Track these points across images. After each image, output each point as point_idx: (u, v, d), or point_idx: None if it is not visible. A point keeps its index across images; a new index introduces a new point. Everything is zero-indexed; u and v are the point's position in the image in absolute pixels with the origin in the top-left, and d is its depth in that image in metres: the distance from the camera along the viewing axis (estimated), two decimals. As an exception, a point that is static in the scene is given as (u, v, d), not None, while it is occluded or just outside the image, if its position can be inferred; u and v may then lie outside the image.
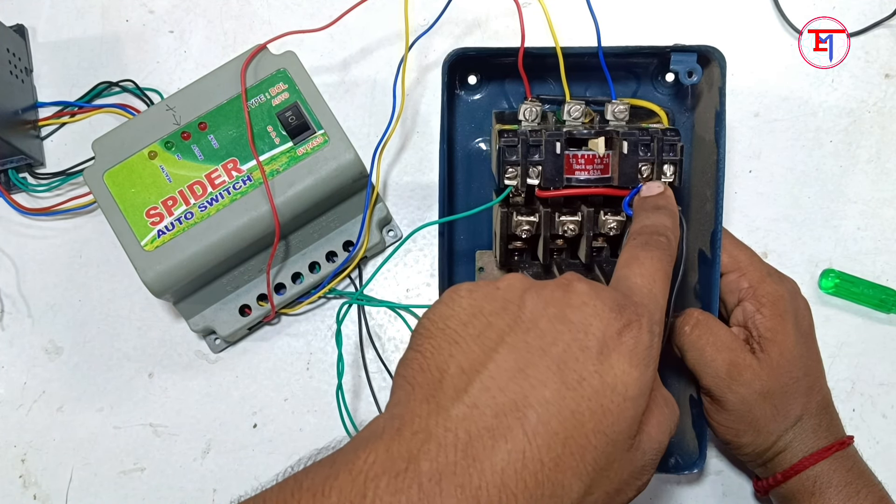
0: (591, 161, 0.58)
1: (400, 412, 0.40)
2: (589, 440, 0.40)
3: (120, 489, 0.74)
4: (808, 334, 0.65)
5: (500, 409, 0.39)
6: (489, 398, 0.39)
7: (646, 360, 0.43)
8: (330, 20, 0.69)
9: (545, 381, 0.40)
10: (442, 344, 0.42)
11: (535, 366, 0.40)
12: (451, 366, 0.41)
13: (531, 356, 0.41)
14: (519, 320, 0.42)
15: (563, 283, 0.44)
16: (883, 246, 0.75)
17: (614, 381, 0.41)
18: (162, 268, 0.65)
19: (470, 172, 0.71)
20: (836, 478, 0.62)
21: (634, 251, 0.49)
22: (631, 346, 0.42)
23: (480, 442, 0.38)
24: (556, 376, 0.40)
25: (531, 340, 0.41)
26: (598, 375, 0.41)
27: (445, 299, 0.44)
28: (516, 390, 0.40)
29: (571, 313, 0.42)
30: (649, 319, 0.44)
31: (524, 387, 0.40)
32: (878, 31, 0.76)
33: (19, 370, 0.76)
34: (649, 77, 0.70)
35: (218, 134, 0.66)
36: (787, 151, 0.76)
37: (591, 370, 0.41)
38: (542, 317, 0.42)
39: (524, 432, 0.38)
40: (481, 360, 0.41)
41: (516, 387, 0.40)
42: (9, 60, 0.73)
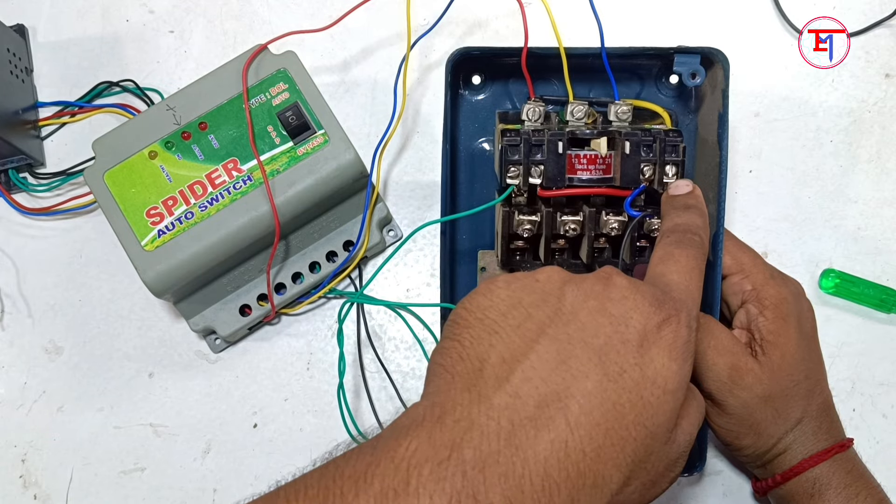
0: (593, 161, 0.58)
1: (441, 400, 0.40)
2: (629, 432, 0.40)
3: (120, 489, 0.74)
4: (810, 337, 0.65)
5: (543, 400, 0.39)
6: (531, 388, 0.40)
7: (684, 355, 0.43)
8: (330, 20, 0.69)
9: (587, 372, 0.40)
10: (481, 334, 0.42)
11: (577, 357, 0.41)
12: (491, 355, 0.41)
13: (572, 348, 0.41)
14: (560, 312, 0.43)
15: (603, 277, 0.45)
16: (883, 246, 0.75)
17: (654, 374, 0.42)
18: (162, 268, 0.65)
19: (473, 172, 0.71)
20: (835, 480, 0.62)
21: (669, 248, 0.50)
22: (670, 340, 0.43)
23: (523, 431, 0.38)
24: (598, 368, 0.41)
25: (572, 332, 0.42)
26: (638, 368, 0.41)
27: (483, 290, 0.45)
28: (558, 381, 0.40)
29: (612, 306, 0.43)
30: (687, 315, 0.45)
31: (566, 378, 0.40)
32: (878, 31, 0.76)
33: (19, 370, 0.75)
34: (653, 78, 0.70)
35: (218, 134, 0.66)
36: (787, 151, 0.76)
37: (631, 362, 0.41)
38: (582, 309, 0.43)
39: (567, 422, 0.39)
40: (522, 350, 0.41)
41: (558, 377, 0.40)
42: (9, 60, 0.73)
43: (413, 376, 0.75)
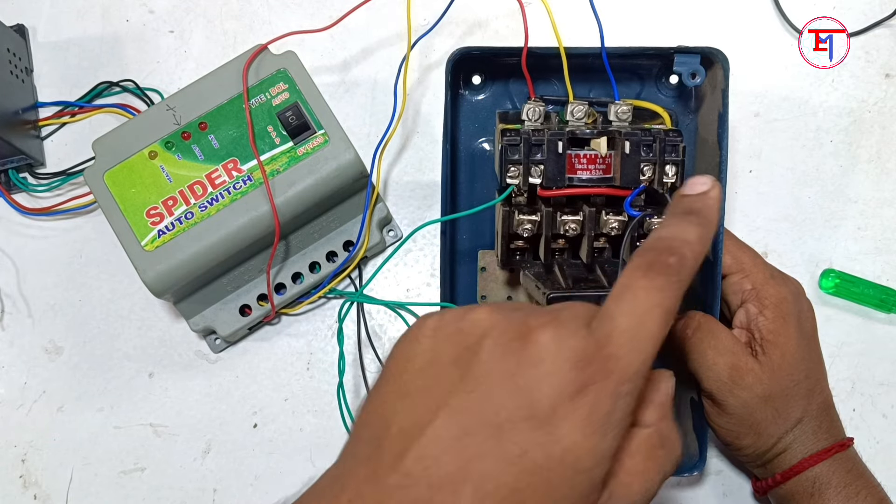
0: (593, 161, 0.58)
1: (341, 472, 0.38)
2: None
3: (120, 489, 0.74)
4: (810, 336, 0.65)
5: (435, 483, 0.36)
6: (423, 469, 0.36)
7: (603, 429, 0.36)
8: (330, 20, 0.69)
9: (484, 453, 0.36)
10: (391, 394, 0.39)
11: (475, 435, 0.36)
12: (393, 424, 0.38)
13: (472, 423, 0.36)
14: (468, 376, 0.37)
15: (524, 333, 0.38)
16: (883, 246, 0.75)
17: (563, 453, 0.36)
18: (162, 268, 0.65)
19: (473, 173, 0.71)
20: (835, 479, 0.62)
21: (631, 277, 0.39)
22: (585, 413, 0.36)
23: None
24: (497, 448, 0.36)
25: (474, 404, 0.37)
26: (542, 448, 0.36)
27: (410, 336, 0.41)
28: (452, 462, 0.36)
29: (522, 373, 0.37)
30: (619, 378, 0.37)
31: (462, 458, 0.36)
32: (878, 31, 0.76)
33: (19, 370, 0.75)
34: (653, 79, 0.70)
35: (218, 134, 0.66)
36: (787, 151, 0.76)
37: (534, 442, 0.36)
38: (492, 373, 0.37)
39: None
40: (423, 421, 0.37)
41: (453, 458, 0.36)
42: (9, 60, 0.73)
43: (413, 376, 0.74)
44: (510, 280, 0.70)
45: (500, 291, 0.71)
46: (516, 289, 0.70)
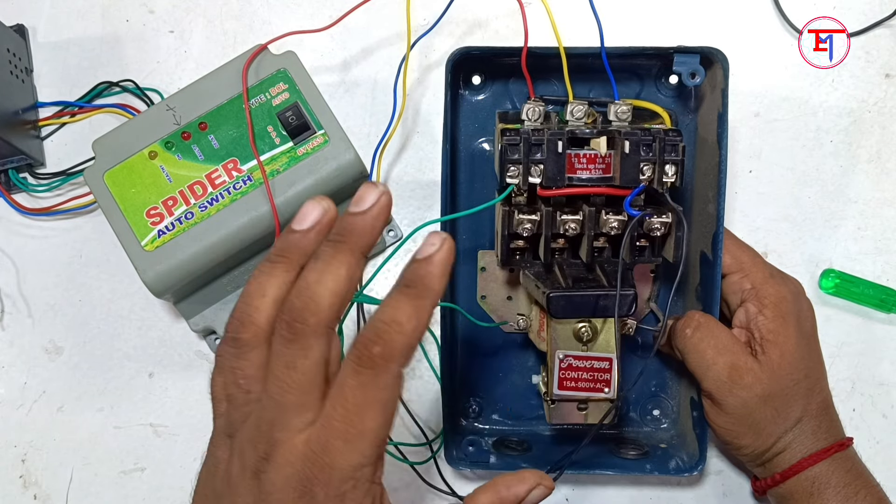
0: (592, 160, 0.58)
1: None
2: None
3: (120, 489, 0.74)
4: (810, 336, 0.65)
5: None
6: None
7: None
8: (330, 20, 0.69)
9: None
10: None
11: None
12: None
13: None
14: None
15: (255, 475, 0.41)
16: (883, 246, 0.75)
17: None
18: (162, 268, 0.65)
19: (473, 173, 0.71)
20: (834, 479, 0.62)
21: (343, 374, 0.40)
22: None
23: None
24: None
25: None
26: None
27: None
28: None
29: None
30: (338, 479, 0.40)
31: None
32: (878, 31, 0.76)
33: (19, 370, 0.76)
34: (653, 79, 0.70)
35: (218, 134, 0.66)
36: (787, 151, 0.76)
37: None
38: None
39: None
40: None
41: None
42: (9, 60, 0.73)
43: (412, 376, 0.75)
44: (510, 280, 0.71)
45: (499, 291, 0.71)
46: (516, 288, 0.70)
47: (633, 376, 0.69)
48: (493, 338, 0.73)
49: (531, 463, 0.69)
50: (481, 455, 0.71)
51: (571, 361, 0.62)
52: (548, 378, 0.63)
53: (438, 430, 0.73)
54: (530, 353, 0.73)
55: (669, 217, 0.57)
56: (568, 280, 0.60)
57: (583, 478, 0.74)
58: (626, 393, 0.72)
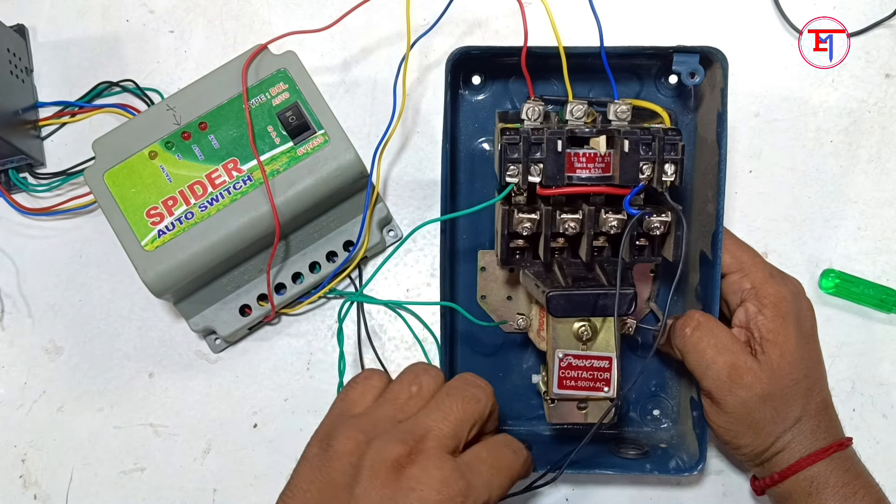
0: (592, 159, 0.58)
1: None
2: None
3: (120, 489, 0.74)
4: (809, 335, 0.65)
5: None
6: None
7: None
8: (330, 20, 0.69)
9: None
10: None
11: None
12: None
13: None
14: (353, 500, 0.48)
15: (396, 466, 0.48)
16: (883, 246, 0.75)
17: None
18: (162, 268, 0.65)
19: (472, 172, 0.71)
20: (833, 478, 0.62)
21: (497, 443, 0.54)
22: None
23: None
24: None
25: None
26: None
27: (299, 469, 0.53)
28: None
29: (400, 498, 0.48)
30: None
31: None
32: (878, 31, 0.76)
33: (19, 370, 0.76)
34: (652, 78, 0.70)
35: (218, 134, 0.66)
36: (787, 151, 0.76)
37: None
38: (373, 499, 0.48)
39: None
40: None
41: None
42: (9, 60, 0.73)
43: (413, 376, 0.75)
44: (510, 279, 0.70)
45: (499, 291, 0.71)
46: (516, 288, 0.70)
47: (633, 376, 0.69)
48: (493, 337, 0.73)
49: (531, 463, 0.69)
50: (481, 455, 0.71)
51: (571, 361, 0.62)
52: (547, 377, 0.63)
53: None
54: (530, 352, 0.73)
55: (669, 216, 0.57)
56: (567, 279, 0.60)
57: (583, 478, 0.74)
58: (626, 392, 0.72)
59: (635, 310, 0.58)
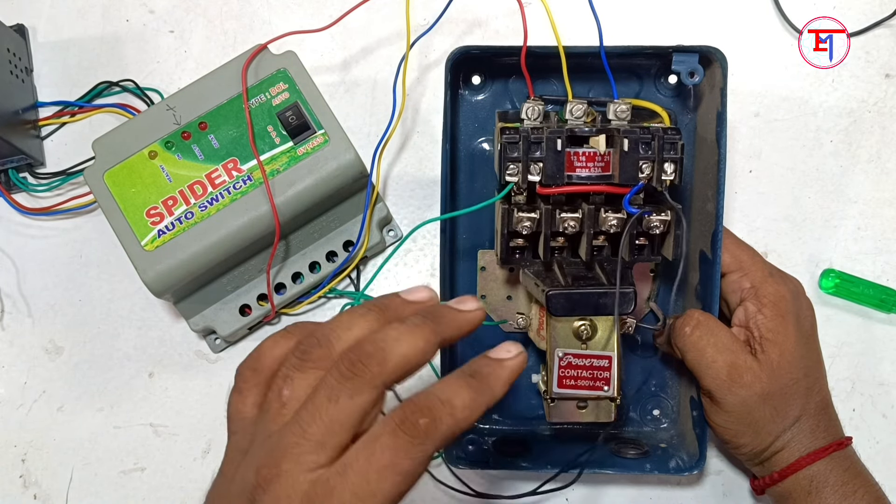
0: (591, 158, 0.58)
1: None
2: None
3: (120, 489, 0.74)
4: (809, 335, 0.65)
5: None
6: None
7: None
8: (330, 20, 0.69)
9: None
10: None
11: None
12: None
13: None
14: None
15: (251, 500, 0.40)
16: (883, 246, 0.75)
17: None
18: (162, 268, 0.65)
19: (472, 172, 0.71)
20: (832, 477, 0.62)
21: (382, 427, 0.39)
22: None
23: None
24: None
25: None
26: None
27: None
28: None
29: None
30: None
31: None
32: (878, 31, 0.76)
33: (19, 370, 0.76)
34: (652, 78, 0.70)
35: (218, 134, 0.66)
36: (787, 151, 0.76)
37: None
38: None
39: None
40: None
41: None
42: (9, 60, 0.73)
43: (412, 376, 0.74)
44: (510, 279, 0.70)
45: (499, 290, 0.71)
46: (516, 288, 0.70)
47: (633, 375, 0.70)
48: (493, 337, 0.73)
49: (531, 462, 0.69)
50: (481, 455, 0.71)
51: (571, 360, 0.62)
52: (547, 376, 0.63)
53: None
54: (530, 352, 0.73)
55: (669, 215, 0.58)
56: (567, 278, 0.60)
57: (583, 478, 0.73)
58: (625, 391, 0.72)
59: (635, 309, 0.58)
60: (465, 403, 0.40)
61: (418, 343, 0.41)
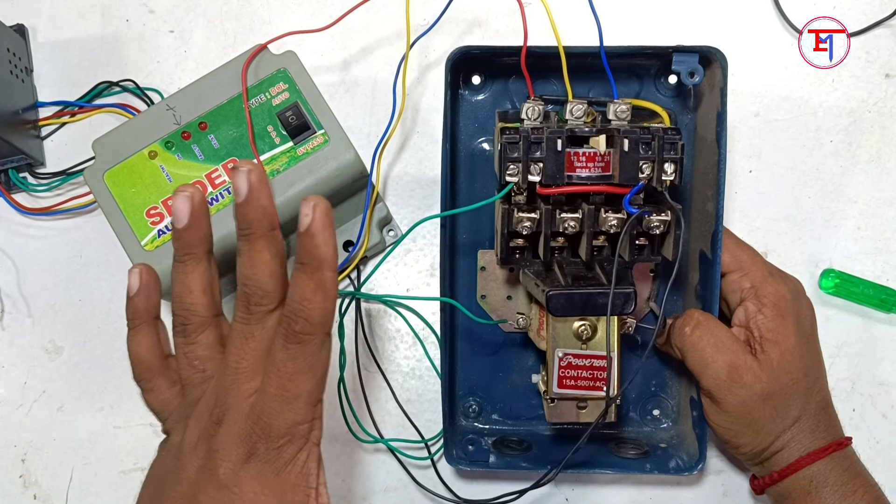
0: (592, 159, 0.58)
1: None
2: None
3: (120, 489, 0.74)
4: (809, 335, 0.65)
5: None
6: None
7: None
8: (330, 20, 0.69)
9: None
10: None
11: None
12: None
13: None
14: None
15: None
16: (883, 246, 0.75)
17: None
18: (162, 268, 0.65)
19: (472, 172, 0.71)
20: (832, 477, 0.62)
21: (274, 351, 0.46)
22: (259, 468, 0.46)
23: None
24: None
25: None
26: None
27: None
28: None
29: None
30: (276, 437, 0.46)
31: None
32: (878, 31, 0.76)
33: (19, 370, 0.76)
34: (652, 78, 0.70)
35: (218, 134, 0.66)
36: (787, 151, 0.76)
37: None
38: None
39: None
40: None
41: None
42: (9, 60, 0.73)
43: (413, 376, 0.75)
44: (510, 279, 0.70)
45: (499, 290, 0.71)
46: (516, 288, 0.70)
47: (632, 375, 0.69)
48: (493, 337, 0.73)
49: (531, 462, 0.69)
50: (481, 454, 0.71)
51: (571, 360, 0.62)
52: (547, 377, 0.63)
53: (438, 429, 0.73)
54: (530, 352, 0.73)
55: (668, 215, 0.57)
56: (567, 279, 0.60)
57: (583, 478, 0.74)
58: (625, 391, 0.72)
59: (635, 309, 0.58)
60: (314, 290, 0.44)
61: (265, 257, 0.47)
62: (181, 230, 0.49)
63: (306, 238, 0.44)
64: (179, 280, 0.50)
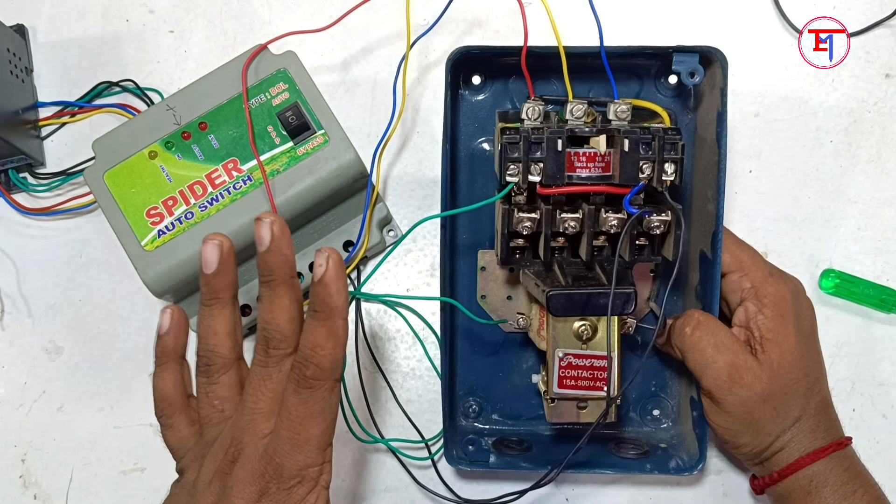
0: (592, 159, 0.58)
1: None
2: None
3: (120, 489, 0.74)
4: (809, 335, 0.65)
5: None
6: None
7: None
8: (330, 20, 0.69)
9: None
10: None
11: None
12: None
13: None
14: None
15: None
16: (883, 246, 0.75)
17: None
18: (162, 268, 0.65)
19: (472, 172, 0.71)
20: (832, 477, 0.62)
21: (286, 395, 0.49)
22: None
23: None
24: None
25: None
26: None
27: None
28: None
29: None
30: (287, 479, 0.48)
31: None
32: (878, 31, 0.76)
33: (19, 370, 0.76)
34: (652, 78, 0.70)
35: (218, 134, 0.66)
36: (787, 151, 0.76)
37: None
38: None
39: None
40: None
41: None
42: (9, 60, 0.73)
43: (413, 376, 0.75)
44: (510, 279, 0.70)
45: (499, 291, 0.71)
46: (516, 288, 0.70)
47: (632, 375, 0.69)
48: (494, 337, 0.73)
49: (531, 462, 0.69)
50: (481, 455, 0.71)
51: (571, 360, 0.62)
52: (547, 377, 0.63)
53: (438, 429, 0.73)
54: (530, 352, 0.73)
55: (669, 216, 0.57)
56: (568, 279, 0.60)
57: (583, 478, 0.74)
58: (625, 391, 0.72)
59: (635, 309, 0.58)
60: (325, 337, 0.47)
61: (284, 303, 0.49)
62: (210, 276, 0.52)
63: (320, 287, 0.47)
64: (205, 323, 0.53)
